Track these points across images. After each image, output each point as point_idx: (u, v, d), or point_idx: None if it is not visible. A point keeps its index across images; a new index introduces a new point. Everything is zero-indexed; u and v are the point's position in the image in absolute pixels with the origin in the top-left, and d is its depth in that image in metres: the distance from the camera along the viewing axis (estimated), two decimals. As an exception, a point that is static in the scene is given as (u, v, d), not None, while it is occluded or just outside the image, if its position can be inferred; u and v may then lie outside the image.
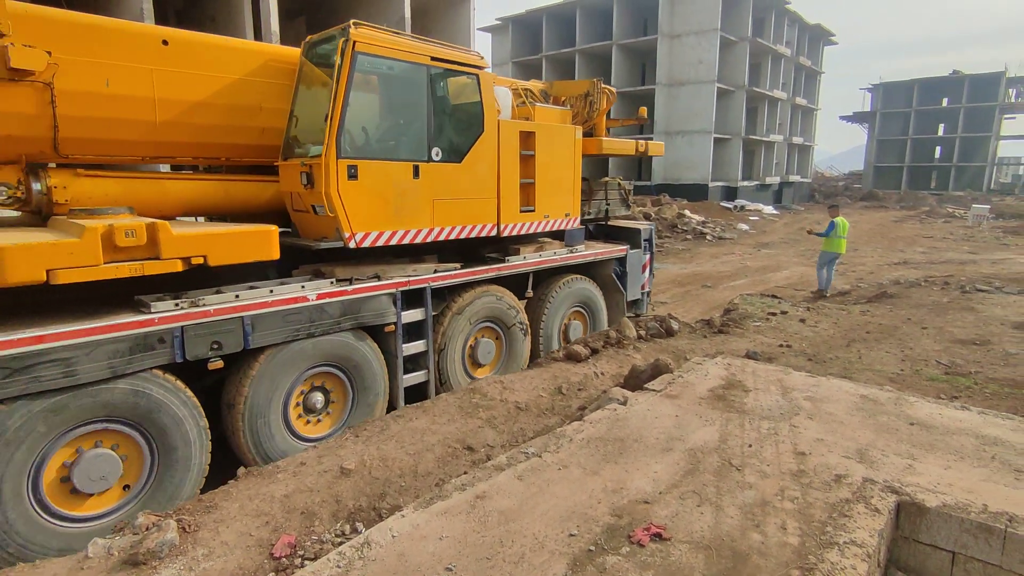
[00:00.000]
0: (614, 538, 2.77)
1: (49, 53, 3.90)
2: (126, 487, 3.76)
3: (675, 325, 7.40)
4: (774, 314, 8.52)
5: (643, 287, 8.09)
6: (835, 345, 6.98)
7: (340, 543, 3.07)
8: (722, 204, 31.41)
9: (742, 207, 31.95)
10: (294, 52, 5.27)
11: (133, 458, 3.75)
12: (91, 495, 3.58)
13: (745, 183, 35.71)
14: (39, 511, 3.41)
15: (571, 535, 2.79)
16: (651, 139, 8.48)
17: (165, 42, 4.48)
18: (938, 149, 55.12)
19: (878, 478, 3.27)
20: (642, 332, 7.06)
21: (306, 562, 2.94)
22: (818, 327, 7.87)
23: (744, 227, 25.54)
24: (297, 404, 4.60)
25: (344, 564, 2.61)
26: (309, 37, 5.20)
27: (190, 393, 3.92)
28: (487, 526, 2.87)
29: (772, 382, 4.88)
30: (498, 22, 42.34)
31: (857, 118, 57.06)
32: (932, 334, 7.42)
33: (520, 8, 41.71)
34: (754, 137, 36.59)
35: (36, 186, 4.19)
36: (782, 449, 3.65)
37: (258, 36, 12.23)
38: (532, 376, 5.60)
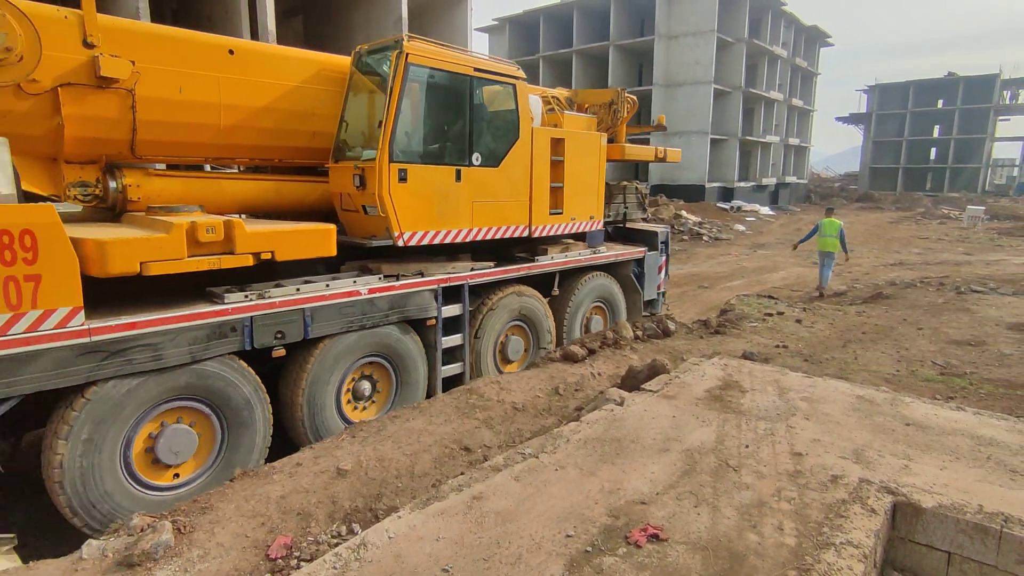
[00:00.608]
0: (611, 539, 2.76)
1: (133, 63, 4.23)
2: (196, 463, 4.10)
3: (672, 326, 7.41)
4: (770, 315, 8.54)
5: (659, 287, 8.44)
6: (831, 346, 7.00)
7: (336, 544, 3.06)
8: (718, 205, 31.49)
9: (738, 208, 32.03)
10: (344, 61, 5.59)
11: (206, 435, 4.12)
12: (170, 466, 3.96)
13: (741, 184, 35.80)
14: (128, 479, 3.78)
15: (568, 536, 2.79)
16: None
17: (231, 51, 4.83)
18: (933, 151, 55.40)
19: (874, 479, 3.27)
20: (639, 333, 7.06)
21: (302, 563, 2.93)
22: (814, 328, 7.88)
23: (740, 228, 25.61)
24: (348, 391, 4.94)
25: (340, 565, 2.60)
26: (360, 47, 5.51)
27: (256, 376, 4.28)
28: (484, 527, 2.86)
29: (769, 383, 4.89)
30: (495, 22, 42.34)
31: (853, 119, 57.31)
32: (927, 335, 7.45)
33: (517, 8, 41.75)
34: (750, 138, 36.69)
35: (112, 184, 4.57)
36: (779, 450, 3.65)
37: (254, 35, 12.20)
38: (529, 376, 5.59)
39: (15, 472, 3.67)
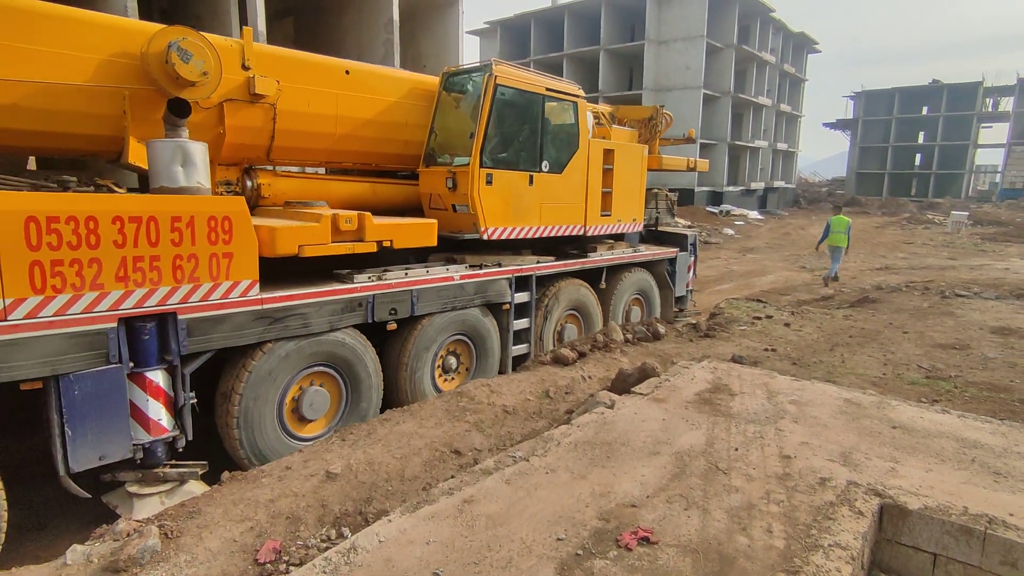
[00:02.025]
0: (602, 542, 2.77)
1: (277, 82, 4.98)
2: (326, 420, 4.85)
3: (662, 329, 7.44)
4: (759, 318, 8.61)
5: (688, 284, 9.27)
6: (819, 349, 7.06)
7: (326, 548, 3.04)
8: (708, 209, 31.70)
9: (728, 212, 32.27)
10: (432, 80, 6.49)
11: (334, 395, 4.87)
12: (309, 421, 4.70)
13: (731, 188, 36.05)
14: (280, 427, 4.51)
15: (559, 539, 2.79)
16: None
17: (347, 72, 5.63)
18: (918, 156, 56.17)
19: (862, 481, 3.30)
20: (629, 336, 7.09)
21: (291, 568, 2.91)
22: (802, 331, 7.96)
23: (729, 232, 25.80)
24: (439, 364, 5.73)
25: (330, 569, 2.58)
26: (448, 68, 6.44)
27: (372, 347, 5.03)
28: (474, 530, 2.86)
29: (757, 386, 4.92)
30: (486, 26, 42.40)
31: (840, 125, 57.96)
32: (913, 338, 7.54)
33: (508, 12, 41.84)
34: (739, 143, 36.96)
35: (249, 183, 5.38)
36: (768, 452, 3.68)
37: (244, 36, 12.10)
38: (520, 379, 5.60)
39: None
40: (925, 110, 54.35)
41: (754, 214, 34.09)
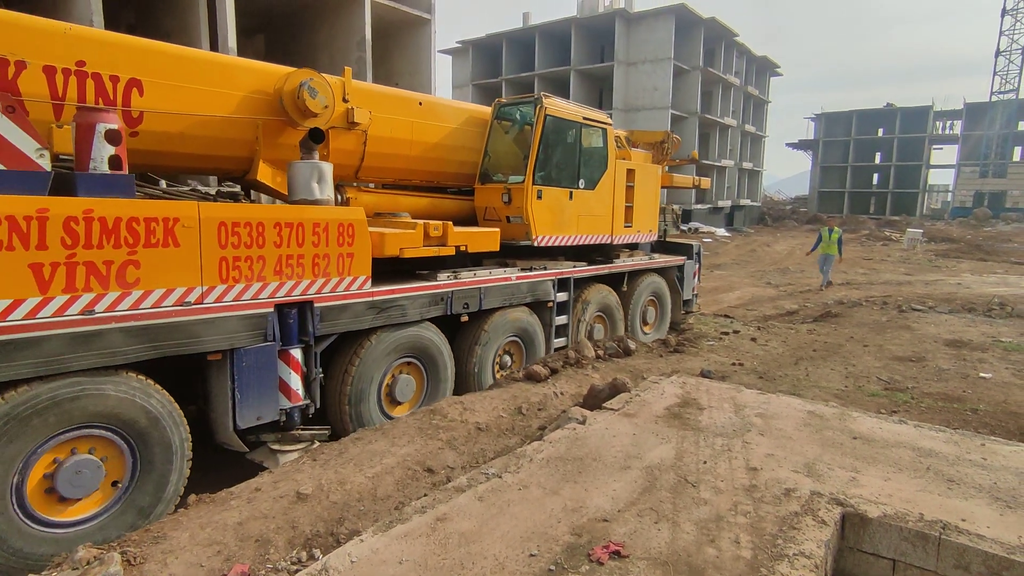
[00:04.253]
0: (574, 557, 2.79)
1: (370, 112, 5.67)
2: (410, 405, 5.72)
3: (632, 345, 7.55)
4: (727, 333, 8.81)
5: (693, 289, 10.27)
6: (784, 363, 7.25)
7: (296, 571, 2.99)
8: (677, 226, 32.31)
9: (695, 229, 32.97)
10: (485, 110, 7.43)
11: (418, 383, 5.72)
12: (399, 403, 5.55)
13: (698, 206, 36.87)
14: (377, 405, 5.32)
15: (531, 555, 2.80)
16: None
17: (420, 103, 6.49)
18: (876, 176, 58.41)
19: (825, 491, 3.41)
20: (600, 352, 7.17)
21: (260, 592, 2.85)
22: (768, 346, 8.16)
23: (698, 248, 26.29)
24: (497, 361, 6.55)
25: (301, 592, 2.55)
26: (499, 99, 7.41)
27: (447, 341, 5.88)
28: (447, 548, 2.85)
29: (725, 400, 5.04)
30: (459, 45, 42.83)
31: (802, 145, 59.99)
32: (873, 351, 7.81)
33: (480, 32, 42.37)
34: (707, 162, 37.91)
35: (339, 197, 5.93)
36: (735, 465, 3.76)
37: (214, 51, 12.01)
38: (492, 396, 5.60)
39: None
40: (881, 132, 56.69)
41: (721, 231, 34.91)
